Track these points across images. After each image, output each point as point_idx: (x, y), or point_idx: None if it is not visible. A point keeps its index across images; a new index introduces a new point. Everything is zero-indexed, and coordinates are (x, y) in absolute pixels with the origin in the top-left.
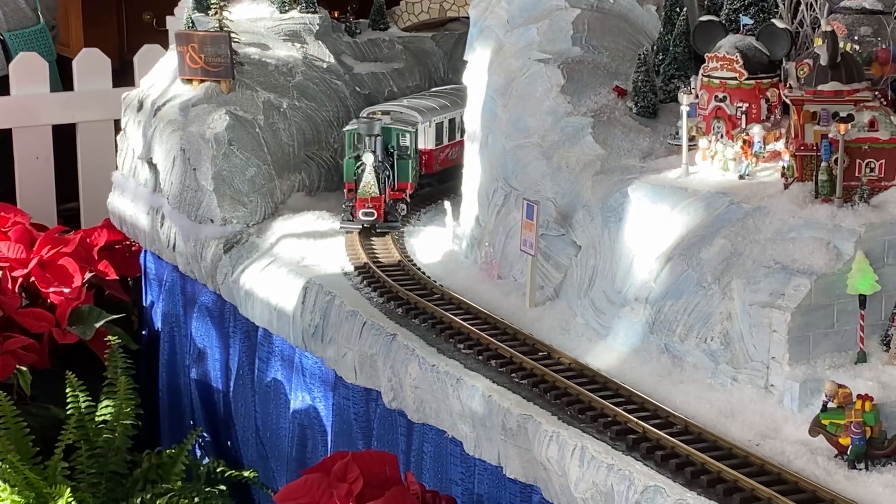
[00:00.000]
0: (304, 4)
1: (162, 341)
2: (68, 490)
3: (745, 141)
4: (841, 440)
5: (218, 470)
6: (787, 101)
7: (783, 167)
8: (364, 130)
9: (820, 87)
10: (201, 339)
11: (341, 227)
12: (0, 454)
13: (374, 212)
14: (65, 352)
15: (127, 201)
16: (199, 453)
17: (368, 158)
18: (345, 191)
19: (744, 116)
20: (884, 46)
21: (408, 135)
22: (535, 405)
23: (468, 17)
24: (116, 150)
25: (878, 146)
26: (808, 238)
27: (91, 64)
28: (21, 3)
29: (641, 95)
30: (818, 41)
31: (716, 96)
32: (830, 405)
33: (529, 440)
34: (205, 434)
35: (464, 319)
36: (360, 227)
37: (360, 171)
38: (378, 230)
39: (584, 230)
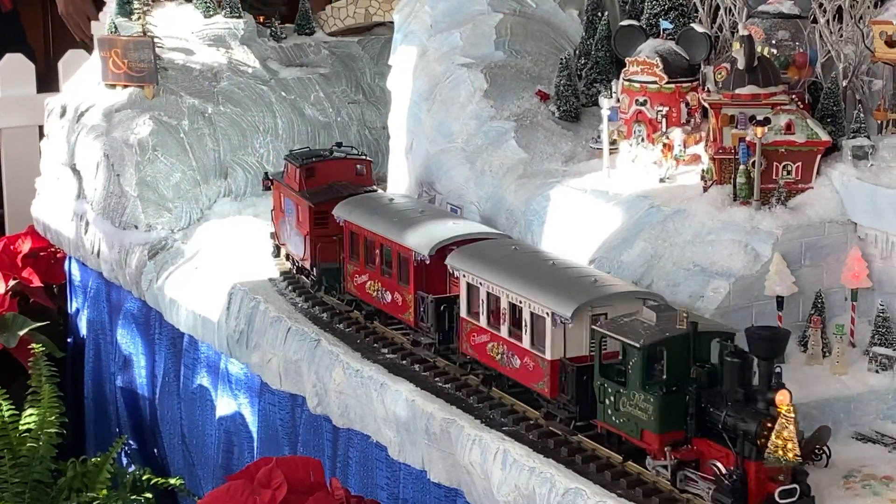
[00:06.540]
0: (228, 9)
1: (87, 348)
2: None
3: (665, 144)
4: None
5: (144, 478)
6: (706, 104)
7: (702, 170)
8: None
9: (737, 91)
10: (127, 346)
11: None
12: None
13: (797, 486)
14: None
15: (51, 208)
16: (124, 461)
17: (784, 397)
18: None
19: (664, 120)
20: (801, 50)
21: None
22: (457, 409)
23: (394, 22)
24: (40, 157)
25: (795, 149)
26: (726, 240)
27: (15, 69)
28: None
29: (564, 99)
30: (736, 45)
31: (636, 100)
32: None
33: (453, 444)
34: (130, 441)
35: (387, 324)
36: None
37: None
38: None
39: (508, 234)
